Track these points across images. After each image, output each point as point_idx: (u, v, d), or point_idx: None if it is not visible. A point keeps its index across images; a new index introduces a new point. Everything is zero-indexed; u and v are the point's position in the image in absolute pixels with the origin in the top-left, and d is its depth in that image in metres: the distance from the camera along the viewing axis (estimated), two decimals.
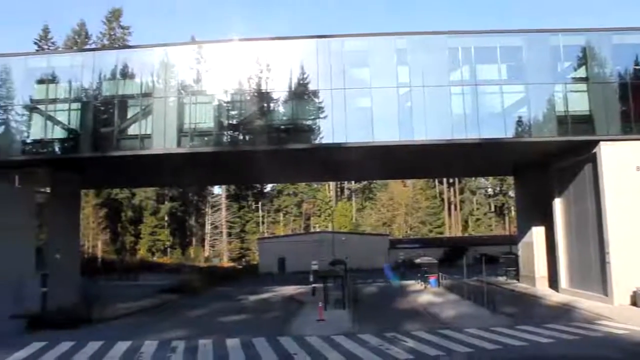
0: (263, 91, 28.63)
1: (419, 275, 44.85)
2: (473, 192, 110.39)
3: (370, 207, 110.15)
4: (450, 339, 19.99)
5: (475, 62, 28.51)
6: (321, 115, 28.27)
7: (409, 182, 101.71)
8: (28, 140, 29.60)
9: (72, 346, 20.18)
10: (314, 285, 37.36)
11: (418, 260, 46.97)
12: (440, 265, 45.69)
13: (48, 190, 32.32)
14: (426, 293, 37.99)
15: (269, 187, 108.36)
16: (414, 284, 44.21)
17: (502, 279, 43.22)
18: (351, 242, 68.47)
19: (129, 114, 29.33)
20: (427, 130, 27.31)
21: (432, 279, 41.96)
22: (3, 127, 29.68)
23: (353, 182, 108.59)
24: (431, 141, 27.68)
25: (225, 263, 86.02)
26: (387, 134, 27.45)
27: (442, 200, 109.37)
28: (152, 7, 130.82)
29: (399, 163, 36.32)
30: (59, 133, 29.52)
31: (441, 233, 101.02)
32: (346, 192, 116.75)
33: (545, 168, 33.58)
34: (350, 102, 27.75)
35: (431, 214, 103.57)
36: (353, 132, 27.44)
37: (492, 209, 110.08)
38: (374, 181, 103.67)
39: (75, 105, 29.22)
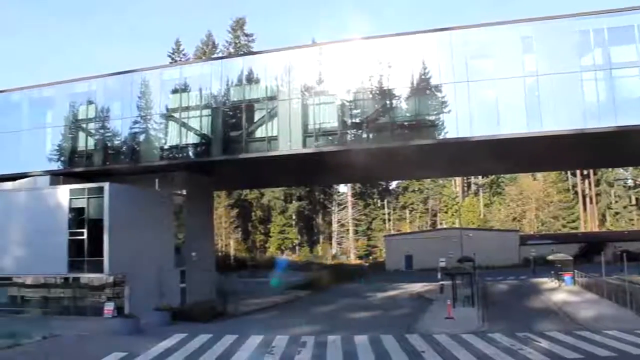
0: (385, 88, 28.61)
1: (552, 272, 42.98)
2: (610, 184, 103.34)
3: (499, 203, 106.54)
4: (588, 341, 19.02)
5: (609, 44, 26.57)
6: (445, 110, 27.75)
7: (539, 175, 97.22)
8: (165, 147, 31.61)
9: (210, 338, 21.42)
10: (441, 282, 36.95)
11: (551, 257, 45.03)
12: (575, 262, 43.48)
13: (184, 192, 34.43)
14: (560, 291, 36.38)
15: (394, 184, 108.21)
16: (547, 282, 42.46)
17: None
18: (479, 239, 66.51)
19: (256, 118, 30.42)
20: (557, 120, 25.95)
21: (567, 276, 40.15)
22: (144, 135, 31.97)
23: (480, 177, 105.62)
24: (562, 132, 26.17)
25: (353, 260, 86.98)
26: (514, 125, 26.45)
27: (576, 193, 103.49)
28: (274, 13, 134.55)
29: (528, 156, 34.82)
30: (192, 138, 31.31)
31: (575, 228, 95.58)
32: (473, 187, 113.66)
33: None
34: (474, 94, 26.97)
35: (564, 208, 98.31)
36: (478, 125, 26.70)
37: (633, 201, 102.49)
38: (502, 175, 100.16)
39: (206, 112, 30.88)
